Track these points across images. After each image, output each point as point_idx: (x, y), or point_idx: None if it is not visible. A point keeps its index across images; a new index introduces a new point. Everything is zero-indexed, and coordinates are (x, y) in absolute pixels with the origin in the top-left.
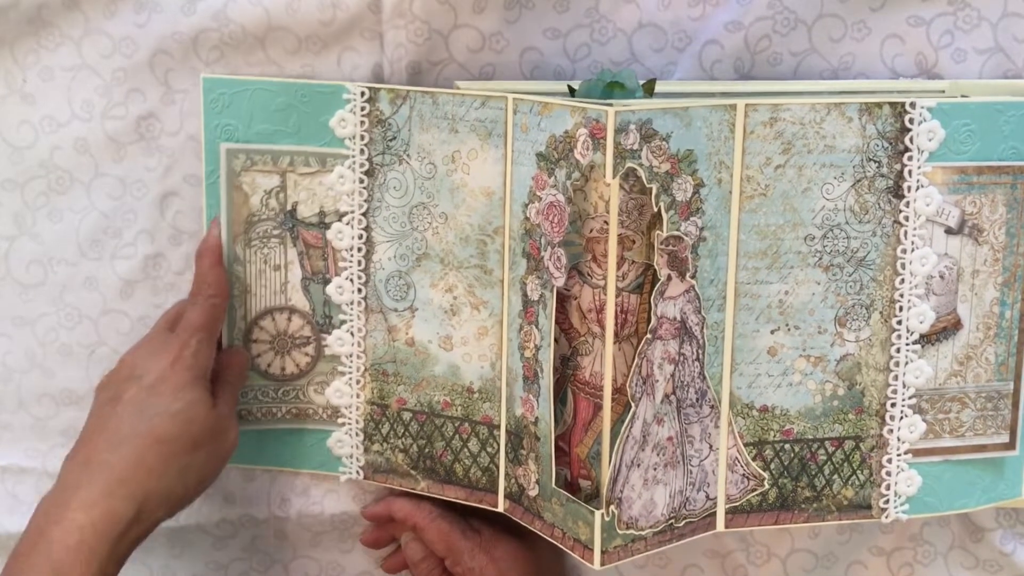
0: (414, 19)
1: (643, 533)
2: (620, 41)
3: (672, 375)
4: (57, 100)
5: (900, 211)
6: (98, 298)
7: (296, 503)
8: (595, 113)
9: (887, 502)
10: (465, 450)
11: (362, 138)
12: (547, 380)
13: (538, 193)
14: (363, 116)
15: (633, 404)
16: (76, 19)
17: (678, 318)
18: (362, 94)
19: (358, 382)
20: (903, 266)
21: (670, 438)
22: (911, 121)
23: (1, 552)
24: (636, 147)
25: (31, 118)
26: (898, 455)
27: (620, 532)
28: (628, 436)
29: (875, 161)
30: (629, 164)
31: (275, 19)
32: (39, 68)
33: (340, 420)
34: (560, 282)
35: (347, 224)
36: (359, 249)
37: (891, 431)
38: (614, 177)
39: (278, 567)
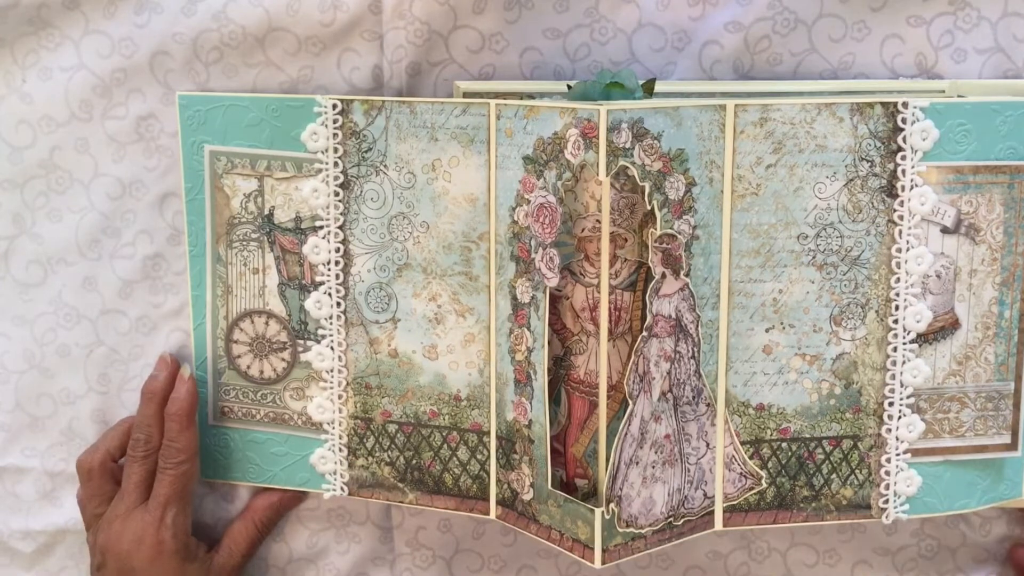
0: (414, 20)
1: (642, 531)
2: (620, 41)
3: (668, 373)
4: (56, 100)
5: (894, 210)
6: (97, 298)
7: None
8: (586, 113)
9: (887, 502)
10: (454, 459)
11: (335, 151)
12: (541, 381)
13: (526, 196)
14: (336, 128)
15: (631, 401)
16: (76, 19)
17: (673, 316)
18: (334, 106)
19: (340, 397)
20: (898, 265)
21: (667, 436)
22: (904, 121)
23: (3, 551)
24: (628, 145)
25: (30, 118)
26: (897, 455)
27: (620, 530)
28: (626, 434)
29: (867, 160)
30: (622, 162)
31: (275, 20)
32: (38, 68)
33: (323, 436)
34: (554, 283)
35: (323, 238)
36: (336, 263)
37: (889, 430)
38: (607, 175)
39: (274, 571)
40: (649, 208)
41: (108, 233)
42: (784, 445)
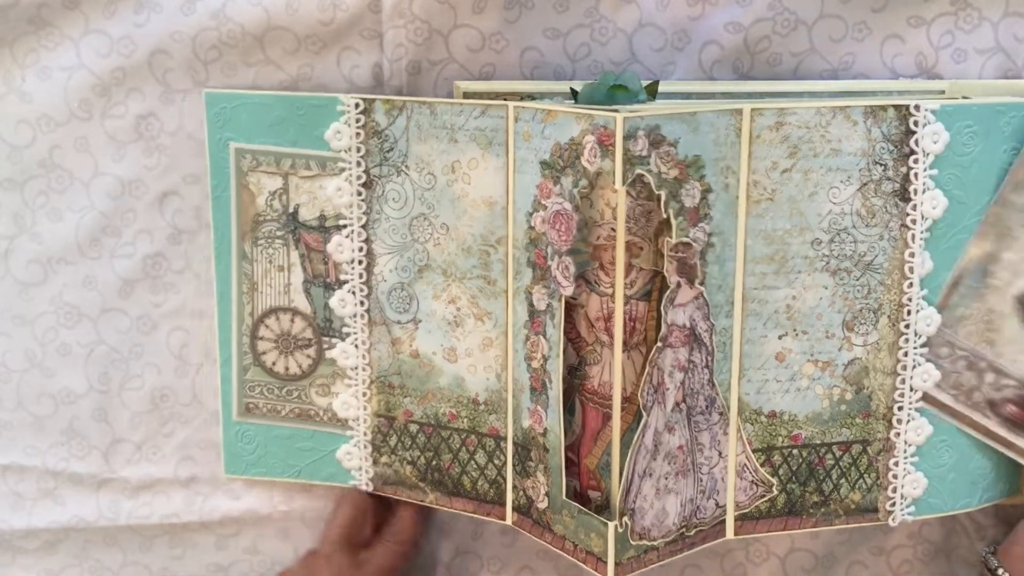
0: (414, 19)
1: (655, 543)
2: (620, 41)
3: (682, 383)
4: (56, 99)
5: (907, 214)
6: (97, 297)
7: (298, 499)
8: (603, 120)
9: (893, 504)
10: (472, 462)
11: (358, 150)
12: (556, 391)
13: (543, 202)
14: (358, 128)
15: (645, 413)
16: (76, 19)
17: (687, 325)
18: (356, 105)
19: (364, 394)
20: (911, 270)
21: (680, 447)
22: (915, 124)
23: (6, 550)
24: (645, 153)
25: (29, 117)
26: (905, 458)
27: (633, 543)
28: (640, 446)
29: (881, 164)
30: (638, 170)
31: (274, 19)
32: (38, 67)
33: (348, 432)
34: (568, 291)
35: (347, 237)
36: (360, 262)
37: (898, 434)
38: (624, 184)
39: (279, 569)
40: (665, 216)
41: (108, 232)
42: (795, 452)
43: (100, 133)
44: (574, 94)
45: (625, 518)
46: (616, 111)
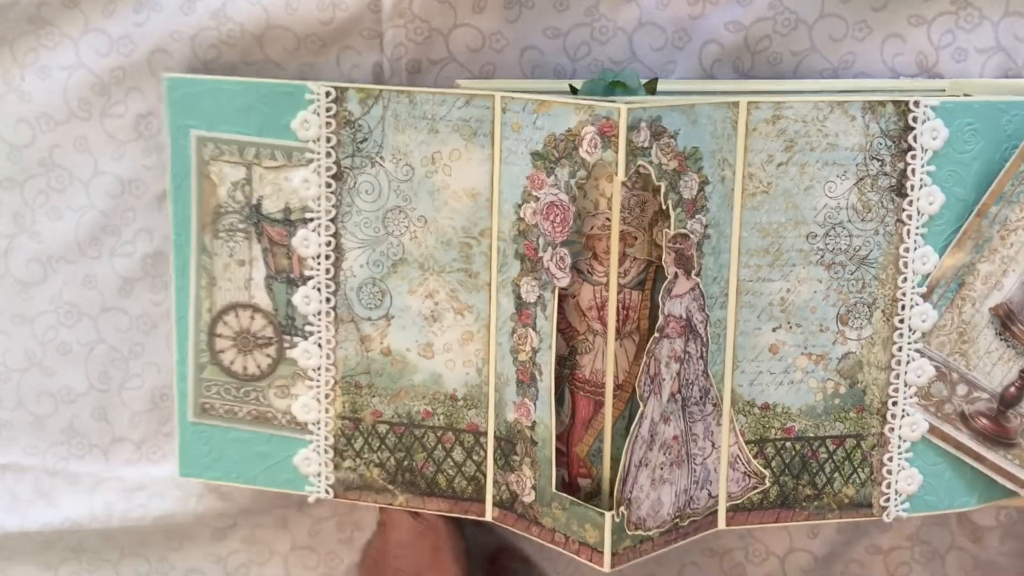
0: (414, 18)
1: (650, 534)
2: (620, 40)
3: (678, 373)
4: (55, 98)
5: (903, 210)
6: (97, 296)
7: (294, 497)
8: (605, 111)
9: (888, 500)
10: (449, 460)
11: (328, 140)
12: (547, 382)
13: (534, 193)
14: (329, 117)
15: (641, 403)
16: (75, 18)
17: (684, 316)
18: (327, 94)
19: (327, 396)
20: (905, 265)
21: (675, 437)
22: (915, 120)
23: (2, 548)
24: (647, 144)
25: (28, 116)
26: (899, 453)
27: (629, 533)
28: (637, 436)
29: (878, 159)
30: (640, 161)
31: (274, 18)
32: (38, 67)
33: (308, 437)
34: (564, 282)
35: (313, 231)
36: (327, 257)
37: (892, 429)
38: (627, 175)
39: (277, 558)
40: (664, 207)
41: (108, 231)
42: (788, 444)
43: (100, 132)
44: (573, 92)
45: (622, 508)
46: (618, 103)
